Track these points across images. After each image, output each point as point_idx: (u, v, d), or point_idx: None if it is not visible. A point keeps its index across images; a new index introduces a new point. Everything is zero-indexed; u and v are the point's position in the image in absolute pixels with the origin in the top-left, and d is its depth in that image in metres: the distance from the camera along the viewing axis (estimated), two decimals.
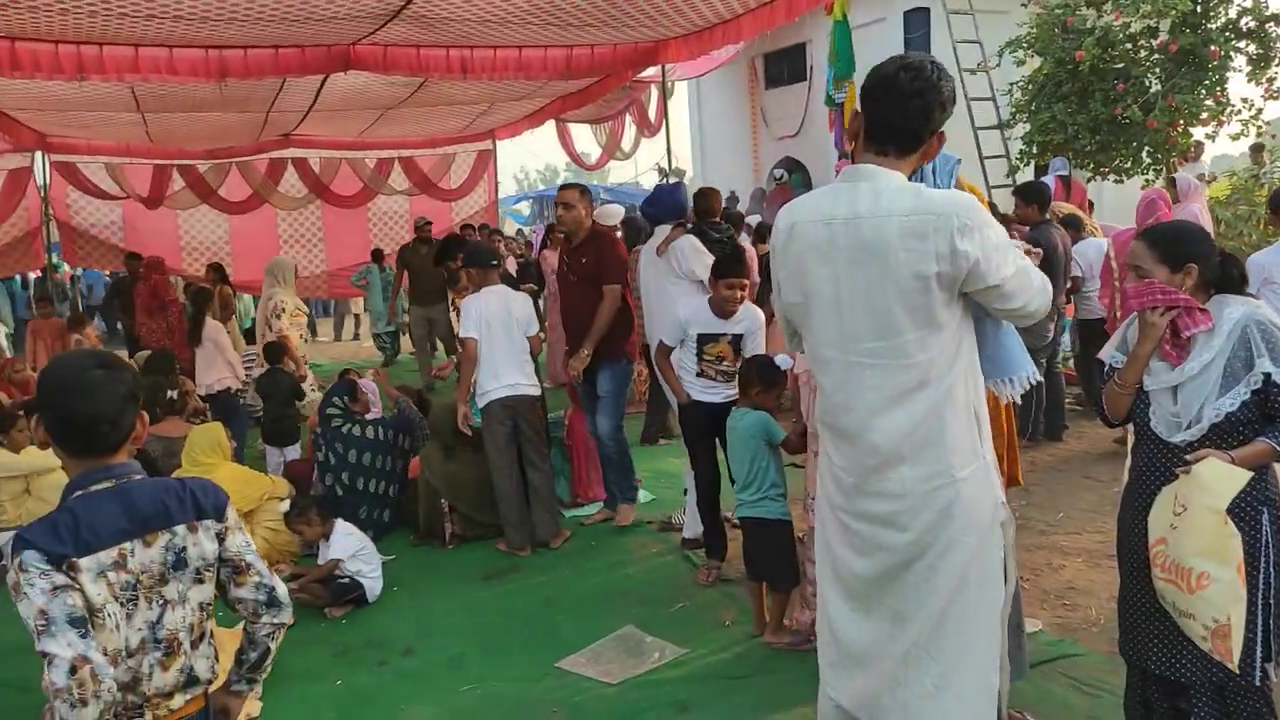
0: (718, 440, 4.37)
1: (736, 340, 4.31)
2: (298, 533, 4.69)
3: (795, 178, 13.70)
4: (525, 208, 25.09)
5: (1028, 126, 10.29)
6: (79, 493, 1.77)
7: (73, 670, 1.60)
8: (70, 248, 11.50)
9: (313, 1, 5.67)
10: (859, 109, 2.21)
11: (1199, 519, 2.14)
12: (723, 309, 4.27)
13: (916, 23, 8.67)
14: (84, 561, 1.70)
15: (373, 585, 4.52)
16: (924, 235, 1.98)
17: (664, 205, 5.47)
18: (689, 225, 5.38)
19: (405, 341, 11.63)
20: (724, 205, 13.90)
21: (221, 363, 7.62)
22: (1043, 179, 9.78)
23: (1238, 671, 2.19)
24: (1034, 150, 10.31)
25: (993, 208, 5.42)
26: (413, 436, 5.68)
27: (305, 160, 12.10)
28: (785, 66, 15.70)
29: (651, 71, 9.54)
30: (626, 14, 6.62)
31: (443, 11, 6.24)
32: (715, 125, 17.84)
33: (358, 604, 4.45)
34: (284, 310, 7.33)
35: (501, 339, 4.93)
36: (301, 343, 7.93)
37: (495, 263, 5.31)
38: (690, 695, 3.45)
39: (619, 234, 6.52)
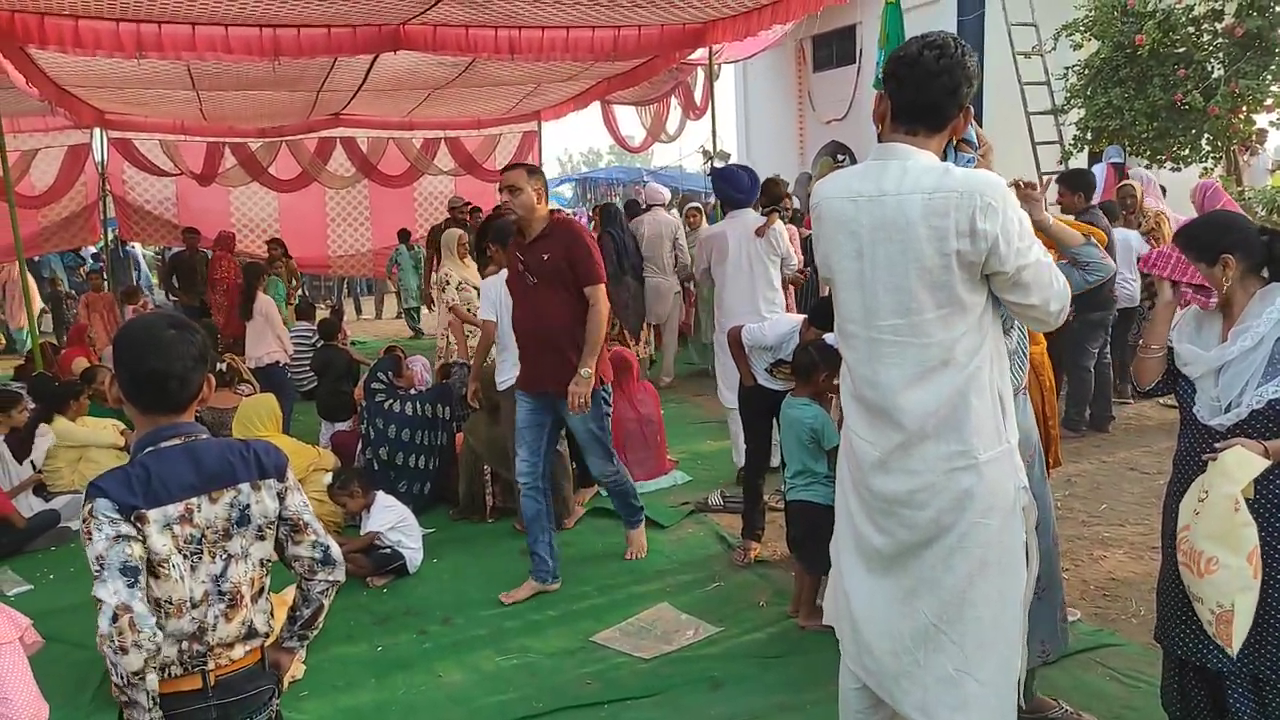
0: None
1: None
2: (340, 504, 4.79)
3: (844, 162, 13.55)
4: (568, 190, 25.12)
5: (1082, 112, 10.05)
6: (150, 448, 1.84)
7: (114, 617, 1.67)
8: (125, 222, 11.81)
9: None
10: (883, 90, 2.21)
11: (1216, 505, 2.16)
12: None
13: (971, 4, 8.46)
14: (152, 514, 1.77)
15: (413, 556, 4.61)
16: (945, 213, 1.99)
17: (747, 190, 5.51)
18: (783, 211, 5.62)
19: (428, 318, 11.84)
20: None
21: (271, 337, 7.79)
22: (1095, 166, 9.59)
23: (1234, 657, 2.21)
24: (1088, 136, 10.08)
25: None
26: (452, 407, 5.75)
27: (353, 139, 12.27)
28: (834, 49, 15.51)
29: (698, 54, 9.51)
30: None
31: None
32: (761, 108, 17.70)
33: (398, 574, 4.54)
34: (449, 282, 7.21)
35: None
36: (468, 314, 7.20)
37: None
38: (723, 672, 3.48)
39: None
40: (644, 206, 8.74)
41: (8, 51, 6.51)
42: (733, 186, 5.55)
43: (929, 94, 2.09)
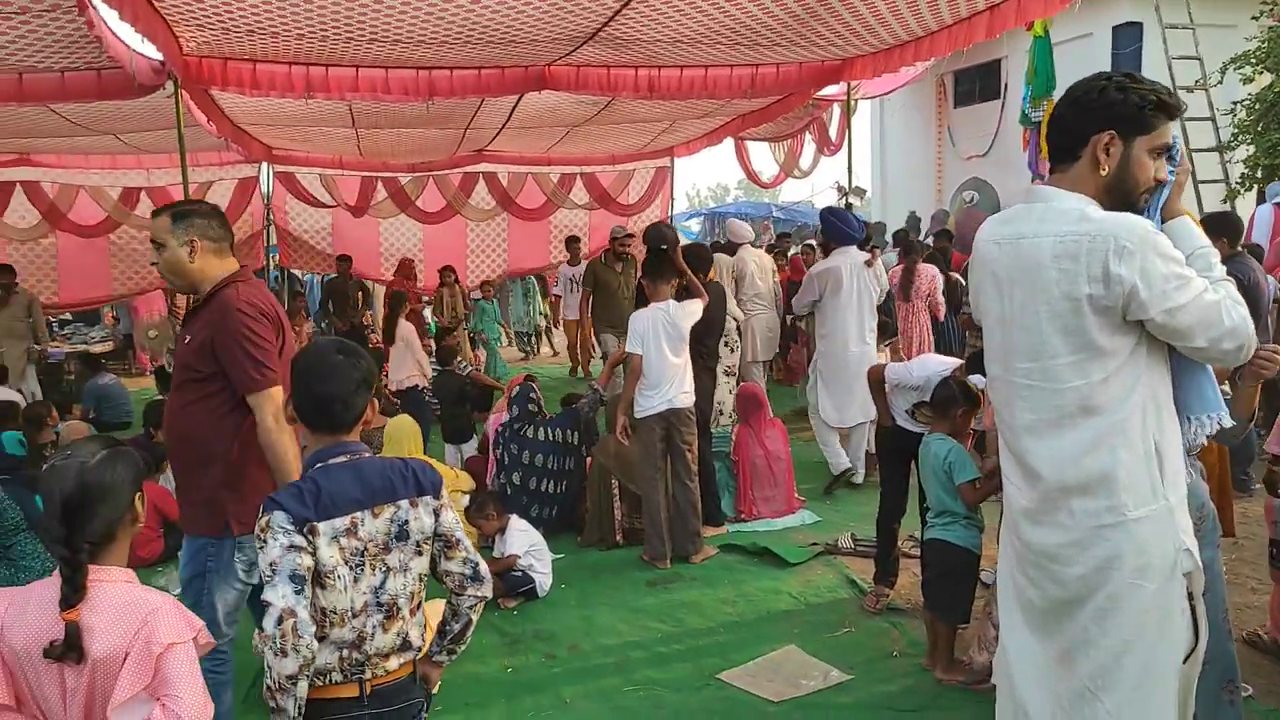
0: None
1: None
2: (476, 526, 4.93)
3: (981, 200, 13.15)
4: (696, 224, 25.35)
5: (1251, 149, 9.42)
6: (320, 465, 1.97)
7: (279, 620, 1.78)
8: (285, 250, 12.63)
9: (515, 25, 6.01)
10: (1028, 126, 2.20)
11: None
12: None
13: (1127, 38, 8.12)
14: (322, 526, 1.89)
15: (543, 580, 4.70)
16: (1076, 256, 1.95)
17: (856, 229, 6.38)
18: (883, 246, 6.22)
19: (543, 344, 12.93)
20: (904, 226, 13.49)
21: (411, 361, 8.16)
22: (1260, 207, 8.94)
23: None
24: (1258, 175, 9.43)
25: None
26: (580, 432, 5.85)
27: (495, 174, 12.76)
28: (976, 84, 15.12)
29: (835, 89, 9.46)
30: (816, 33, 6.60)
31: (635, 33, 6.44)
32: (898, 144, 17.40)
33: (528, 597, 4.63)
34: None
35: (666, 352, 5.00)
36: (720, 345, 6.51)
37: (668, 275, 5.31)
38: None
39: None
40: (724, 242, 8.77)
41: (193, 93, 7.13)
42: (845, 224, 6.29)
43: (1055, 130, 2.12)
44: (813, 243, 9.49)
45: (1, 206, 11.05)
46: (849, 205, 9.61)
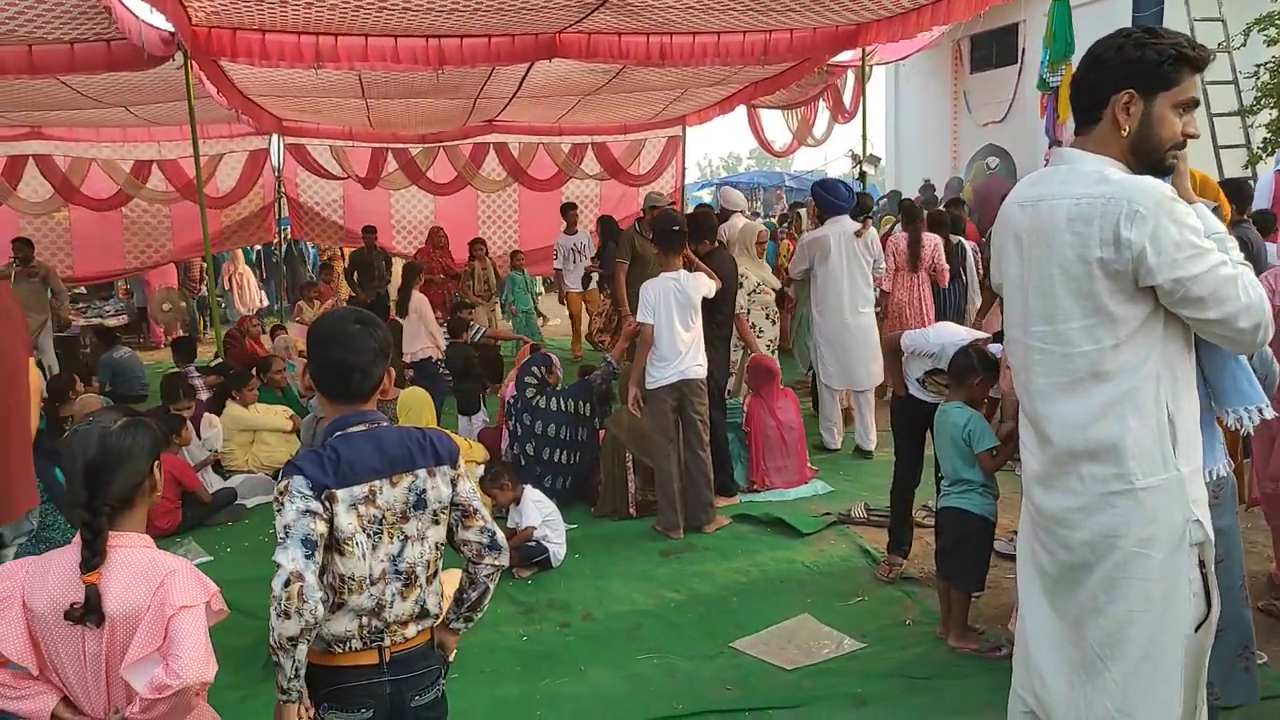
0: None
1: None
2: (491, 496, 4.95)
3: (1000, 167, 12.99)
4: (707, 195, 25.20)
5: (1274, 113, 9.24)
6: (339, 433, 1.98)
7: (287, 582, 1.80)
8: (297, 222, 12.64)
9: None
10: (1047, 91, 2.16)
11: None
12: None
13: (1148, 1, 7.92)
14: (341, 493, 1.91)
15: (557, 551, 4.72)
16: (1090, 219, 1.93)
17: (845, 199, 6.48)
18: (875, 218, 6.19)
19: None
20: (919, 194, 13.33)
21: (424, 333, 8.17)
22: (1264, 173, 8.79)
23: None
24: None
25: None
26: (594, 403, 5.85)
27: (505, 145, 12.70)
28: (994, 48, 14.86)
29: (849, 55, 9.33)
30: None
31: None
32: (913, 110, 17.17)
33: (542, 567, 4.66)
34: (742, 285, 6.36)
35: (675, 323, 4.98)
36: (763, 319, 6.66)
37: (679, 246, 5.21)
38: (868, 690, 3.39)
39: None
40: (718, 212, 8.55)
41: (203, 63, 7.10)
42: (834, 195, 6.47)
43: (1077, 91, 2.08)
44: (802, 211, 9.35)
45: (15, 180, 11.09)
46: (863, 174, 9.53)
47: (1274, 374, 2.48)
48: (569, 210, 11.20)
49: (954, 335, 4.10)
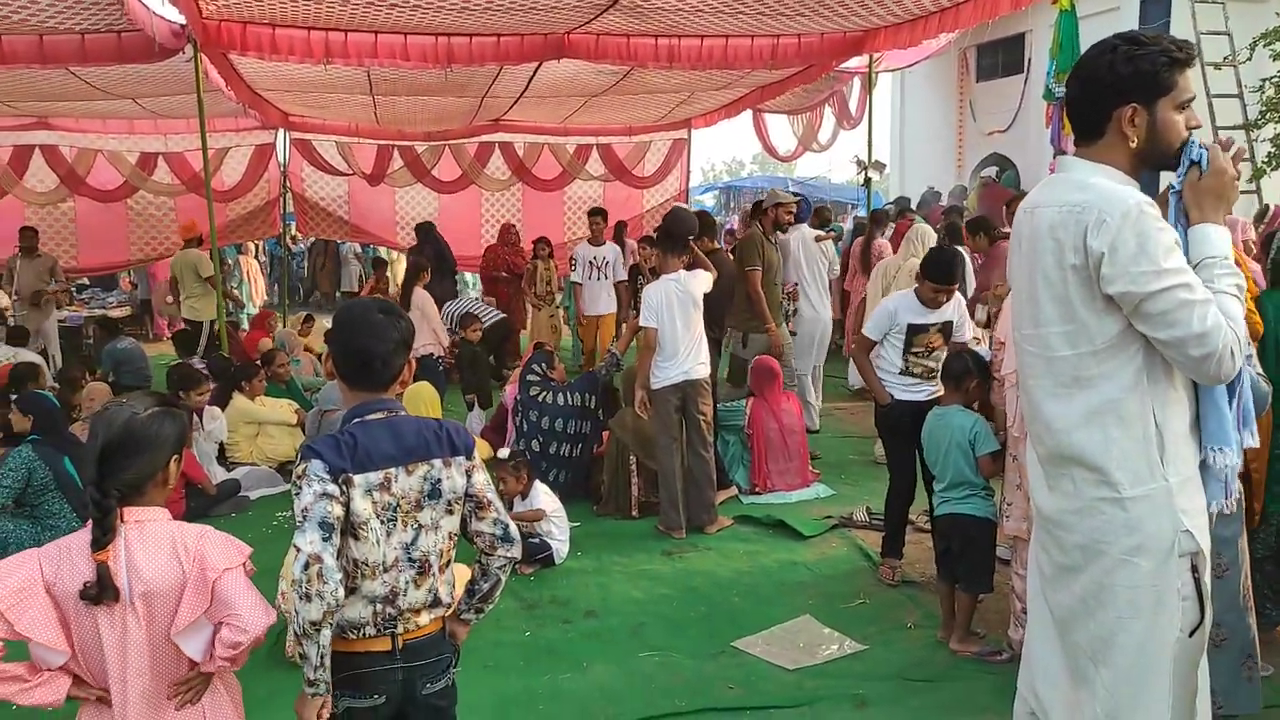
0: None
1: (946, 328, 4.34)
2: (501, 480, 4.94)
3: (1007, 175, 13.01)
4: (710, 199, 25.23)
5: (1279, 127, 9.28)
6: (357, 420, 1.99)
7: (306, 565, 1.81)
8: (303, 218, 12.64)
9: None
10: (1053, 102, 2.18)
11: None
12: (933, 302, 4.28)
13: (1154, 12, 7.96)
14: (357, 478, 1.92)
15: (560, 548, 4.74)
16: (1066, 225, 1.96)
17: (805, 213, 7.87)
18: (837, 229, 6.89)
19: None
20: (922, 201, 13.36)
21: (427, 329, 8.17)
22: None
23: None
24: None
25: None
26: (598, 396, 5.86)
27: (511, 144, 12.70)
28: (1000, 58, 14.92)
29: (856, 62, 9.35)
30: (840, 1, 6.51)
31: (658, 2, 6.38)
32: (918, 118, 17.23)
33: (545, 564, 4.67)
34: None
35: (679, 325, 5.01)
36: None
37: (684, 248, 5.26)
38: (869, 691, 3.41)
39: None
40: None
41: (213, 57, 7.11)
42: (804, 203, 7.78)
43: (1075, 101, 2.08)
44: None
45: (21, 170, 11.09)
46: (868, 180, 9.55)
47: (1262, 401, 2.38)
48: (597, 217, 9.21)
49: (897, 296, 4.41)
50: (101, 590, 1.84)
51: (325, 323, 10.06)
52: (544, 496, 4.80)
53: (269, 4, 6.16)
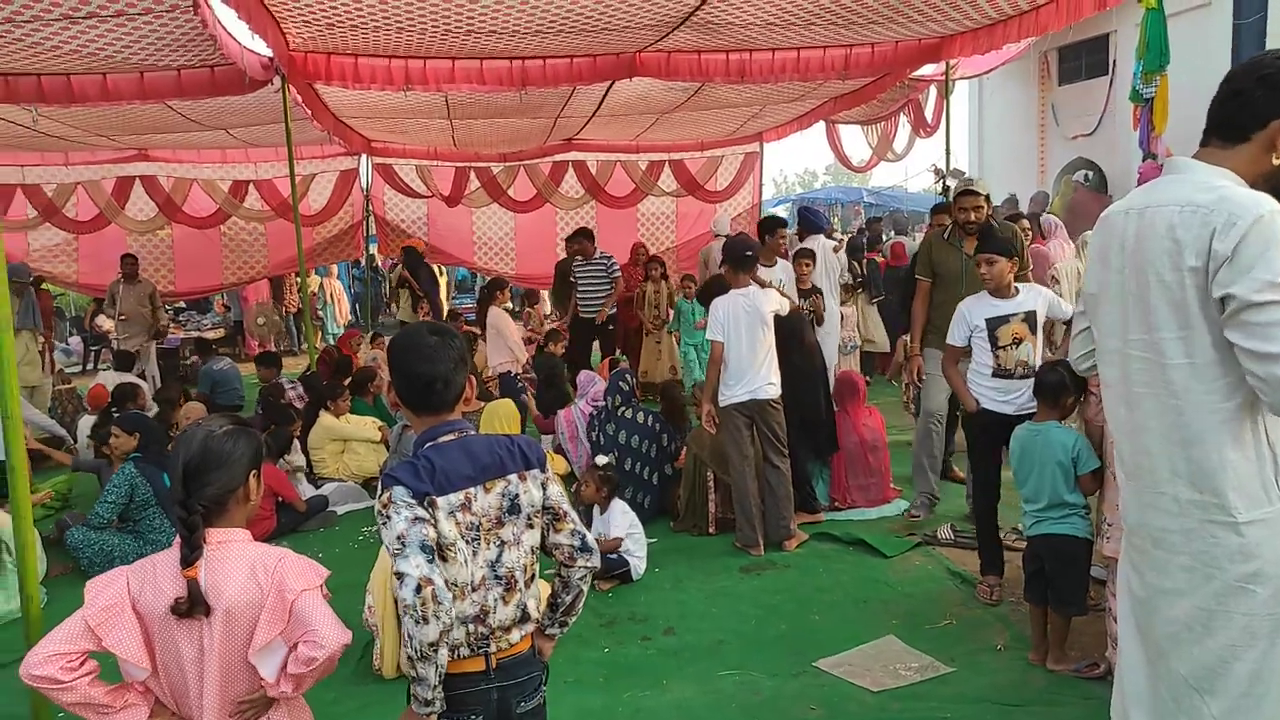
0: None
1: (1031, 318, 4.19)
2: (584, 483, 4.96)
3: (1092, 180, 12.60)
4: (783, 211, 25.08)
5: None
6: (430, 443, 2.02)
7: (418, 589, 1.82)
8: (384, 240, 13.01)
9: (608, 13, 6.03)
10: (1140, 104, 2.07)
11: None
12: (997, 289, 4.20)
13: (1250, 7, 7.54)
14: (440, 500, 1.94)
15: (638, 565, 4.74)
16: (1188, 226, 1.88)
17: (824, 224, 7.82)
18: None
19: None
20: (999, 206, 13.01)
21: (504, 346, 8.32)
22: None
23: None
24: None
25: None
26: (674, 428, 5.88)
27: (584, 163, 12.86)
28: (1083, 60, 14.46)
29: (932, 69, 9.20)
30: (915, 8, 6.43)
31: (727, 17, 6.39)
32: (997, 124, 16.81)
33: (623, 580, 4.68)
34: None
35: (745, 341, 4.96)
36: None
37: (750, 262, 5.14)
38: (957, 715, 3.30)
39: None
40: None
41: (299, 87, 7.40)
42: (815, 218, 7.69)
43: (1221, 102, 1.98)
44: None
45: (123, 199, 11.71)
46: (946, 188, 9.37)
47: None
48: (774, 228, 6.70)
49: (976, 302, 4.29)
50: (192, 605, 1.90)
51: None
52: (620, 515, 4.81)
53: (352, 35, 6.38)
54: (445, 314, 11.59)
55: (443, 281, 14.49)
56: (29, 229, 11.52)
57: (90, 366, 13.46)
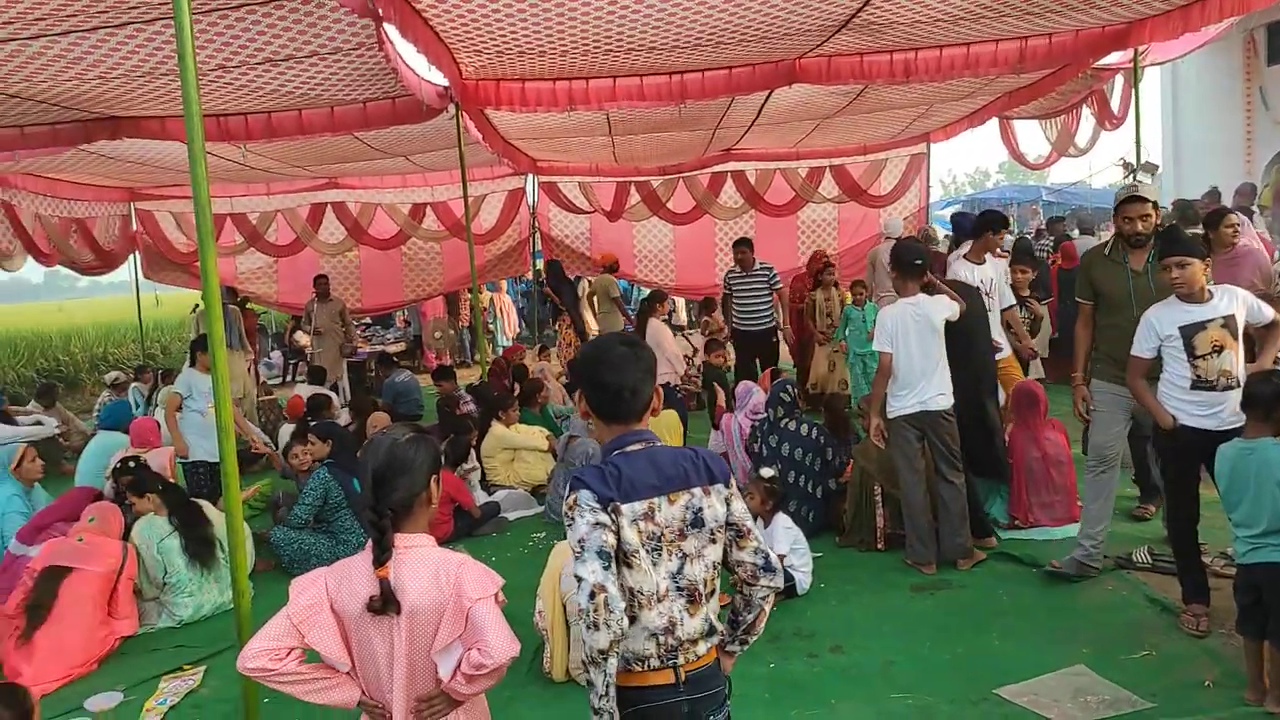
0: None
1: (1230, 323, 3.77)
2: (748, 495, 4.92)
3: None
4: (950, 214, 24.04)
5: None
6: (617, 452, 2.05)
7: (591, 595, 1.85)
8: (550, 255, 13.46)
9: (766, 21, 5.99)
10: None
11: None
12: (1187, 294, 3.83)
13: None
14: (624, 507, 1.96)
15: (803, 579, 4.65)
16: None
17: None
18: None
19: None
20: (1198, 200, 11.99)
21: (663, 359, 8.40)
22: None
23: None
24: None
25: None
26: (839, 441, 5.75)
27: (742, 172, 12.82)
28: None
29: (1118, 57, 8.57)
30: None
31: (891, 16, 6.20)
32: (1195, 111, 15.46)
33: (787, 594, 4.60)
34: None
35: (915, 351, 4.77)
36: None
37: (919, 270, 4.90)
38: None
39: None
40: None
41: (471, 113, 7.78)
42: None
43: None
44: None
45: (316, 225, 12.73)
46: (1136, 183, 8.69)
47: None
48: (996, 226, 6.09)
49: (1166, 309, 3.90)
50: (385, 603, 2.03)
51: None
52: (783, 530, 4.73)
53: (519, 62, 6.65)
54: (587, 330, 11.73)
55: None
56: (237, 254, 12.75)
57: (289, 379, 14.65)
